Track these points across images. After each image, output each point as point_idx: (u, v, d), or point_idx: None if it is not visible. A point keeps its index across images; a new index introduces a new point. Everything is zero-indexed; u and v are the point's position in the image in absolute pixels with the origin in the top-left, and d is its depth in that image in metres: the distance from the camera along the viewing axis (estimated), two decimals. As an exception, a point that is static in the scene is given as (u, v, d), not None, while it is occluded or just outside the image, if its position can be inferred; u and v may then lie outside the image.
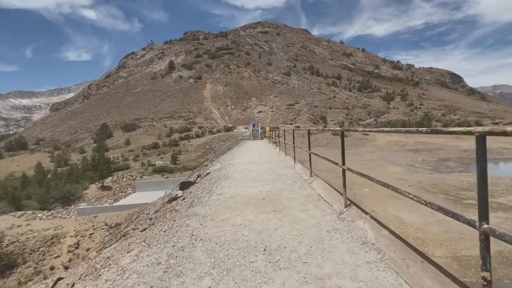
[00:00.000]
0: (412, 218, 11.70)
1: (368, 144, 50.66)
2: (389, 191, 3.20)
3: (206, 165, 20.18)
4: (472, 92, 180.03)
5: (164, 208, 8.69)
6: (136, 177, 42.46)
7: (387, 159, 34.28)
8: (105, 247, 9.06)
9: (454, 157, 35.55)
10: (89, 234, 23.17)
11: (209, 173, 10.76)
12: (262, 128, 41.82)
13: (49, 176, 44.67)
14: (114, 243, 8.33)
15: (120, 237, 8.79)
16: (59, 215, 29.45)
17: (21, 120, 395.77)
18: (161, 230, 4.40)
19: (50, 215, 30.25)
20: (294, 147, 10.68)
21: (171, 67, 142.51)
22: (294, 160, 10.65)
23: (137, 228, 7.78)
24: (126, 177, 42.31)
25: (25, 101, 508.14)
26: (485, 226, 1.74)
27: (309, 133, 8.59)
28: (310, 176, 7.42)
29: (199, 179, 10.91)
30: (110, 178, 42.08)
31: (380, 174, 23.10)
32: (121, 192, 38.25)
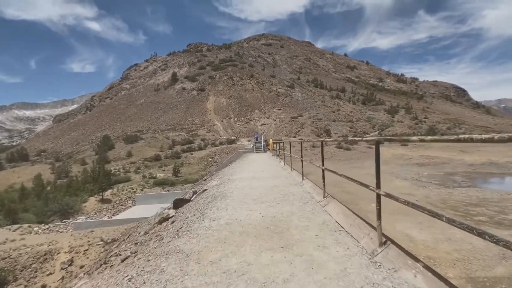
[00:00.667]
0: (422, 235, 10.63)
1: (373, 158, 48.57)
2: (397, 206, 2.88)
3: (206, 179, 18.96)
4: (477, 106, 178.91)
5: (153, 230, 7.56)
6: (136, 189, 41.36)
7: (393, 173, 33.04)
8: (81, 278, 7.93)
9: (460, 171, 34.26)
10: (84, 250, 21.97)
11: (206, 189, 9.60)
12: (265, 140, 40.64)
13: (48, 188, 43.58)
14: (91, 272, 7.21)
15: (100, 265, 7.64)
16: (56, 229, 28.20)
17: (25, 131, 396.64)
18: (126, 277, 3.24)
19: (47, 228, 29.00)
20: (302, 160, 9.41)
21: (174, 78, 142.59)
22: (302, 176, 9.42)
23: (120, 255, 6.66)
24: (126, 190, 41.23)
25: (28, 113, 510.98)
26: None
27: (322, 145, 7.33)
28: (324, 197, 6.23)
29: (194, 196, 9.77)
30: (110, 190, 41.01)
31: (387, 188, 21.89)
32: (121, 205, 37.13)
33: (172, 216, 7.71)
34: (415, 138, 2.60)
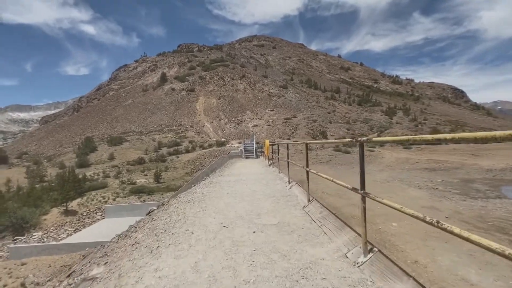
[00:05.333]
0: (485, 279, 6.47)
1: (375, 161, 45.08)
2: (425, 226, 2.69)
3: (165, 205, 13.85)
4: (476, 107, 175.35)
5: None
6: (108, 199, 36.46)
7: (402, 180, 28.82)
8: None
9: (478, 178, 30.08)
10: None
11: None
12: (257, 143, 35.47)
13: (9, 195, 38.41)
14: None
15: None
16: (-6, 253, 23.33)
17: (19, 133, 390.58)
18: None
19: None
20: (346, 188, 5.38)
21: (164, 79, 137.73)
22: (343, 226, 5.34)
23: None
24: (97, 199, 36.28)
25: (23, 115, 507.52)
26: None
27: (362, 147, 3.86)
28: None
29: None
30: (79, 199, 36.12)
31: (401, 199, 17.82)
32: (88, 217, 32.25)
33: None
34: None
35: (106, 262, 5.14)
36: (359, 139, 3.70)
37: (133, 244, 5.51)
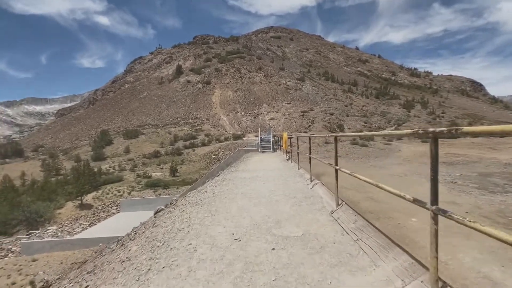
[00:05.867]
0: (509, 277, 5.59)
1: (393, 155, 44.11)
2: (448, 223, 2.28)
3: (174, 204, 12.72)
4: (494, 100, 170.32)
5: None
6: (124, 192, 35.60)
7: (421, 174, 27.37)
8: None
9: (496, 172, 28.47)
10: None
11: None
12: (274, 136, 33.89)
13: (25, 188, 37.83)
14: None
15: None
16: (5, 249, 22.46)
17: (35, 126, 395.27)
18: None
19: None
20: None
21: (179, 71, 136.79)
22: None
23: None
24: (112, 193, 35.44)
25: (38, 108, 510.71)
26: None
27: (436, 142, 2.77)
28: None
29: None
30: (94, 193, 35.35)
31: (420, 194, 16.50)
32: (103, 211, 31.44)
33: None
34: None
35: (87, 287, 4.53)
36: (432, 130, 2.47)
37: (123, 261, 4.71)
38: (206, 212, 6.28)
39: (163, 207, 10.06)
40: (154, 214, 8.35)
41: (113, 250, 5.95)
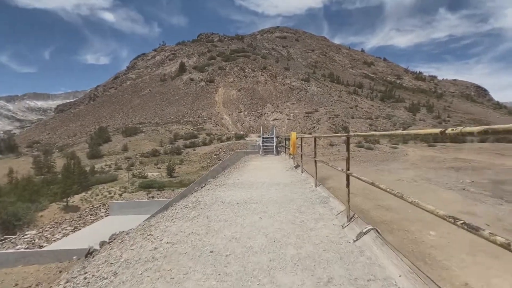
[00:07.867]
0: None
1: (400, 159, 43.33)
2: (472, 237, 1.95)
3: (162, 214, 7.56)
4: (499, 106, 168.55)
5: None
6: (115, 194, 32.83)
7: (430, 180, 24.96)
8: None
9: (508, 179, 26.26)
10: None
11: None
12: (278, 137, 30.95)
13: (10, 187, 35.06)
14: None
15: None
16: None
17: (36, 122, 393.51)
18: None
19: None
20: None
21: (182, 69, 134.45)
22: None
23: None
24: (103, 194, 32.67)
25: (40, 103, 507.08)
26: None
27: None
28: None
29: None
30: (83, 194, 32.59)
31: (433, 202, 14.10)
32: (91, 214, 28.63)
33: None
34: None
35: None
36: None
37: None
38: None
39: (98, 247, 7.09)
40: (85, 256, 5.56)
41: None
